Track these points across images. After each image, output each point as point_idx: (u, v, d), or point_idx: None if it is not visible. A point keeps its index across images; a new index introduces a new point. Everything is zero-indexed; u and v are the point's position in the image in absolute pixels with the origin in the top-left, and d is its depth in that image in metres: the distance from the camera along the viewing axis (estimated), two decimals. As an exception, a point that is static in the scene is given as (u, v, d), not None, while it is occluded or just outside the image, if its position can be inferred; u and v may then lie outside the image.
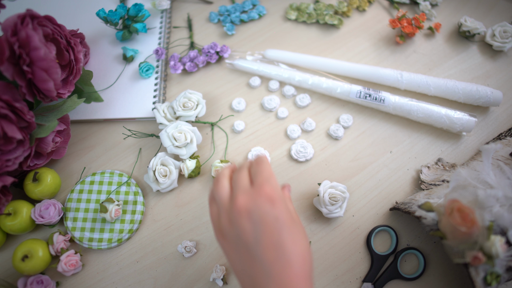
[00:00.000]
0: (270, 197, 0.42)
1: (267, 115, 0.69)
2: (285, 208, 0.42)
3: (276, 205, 0.41)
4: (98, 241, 0.59)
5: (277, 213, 0.41)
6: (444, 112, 0.65)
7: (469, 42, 0.76)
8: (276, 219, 0.41)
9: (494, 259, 0.50)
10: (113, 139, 0.67)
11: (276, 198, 0.42)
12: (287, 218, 0.42)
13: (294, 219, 0.43)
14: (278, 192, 0.43)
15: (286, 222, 0.41)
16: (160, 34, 0.75)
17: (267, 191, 0.42)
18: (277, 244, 0.40)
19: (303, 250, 0.41)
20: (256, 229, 0.41)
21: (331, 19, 0.76)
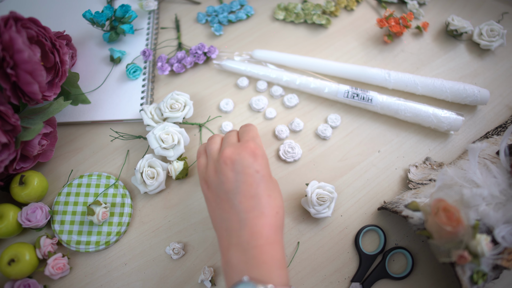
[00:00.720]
0: (253, 152, 0.47)
1: (255, 115, 0.69)
2: (265, 165, 0.47)
3: (258, 160, 0.47)
4: (85, 244, 0.59)
5: (258, 167, 0.46)
6: (432, 111, 0.65)
7: (456, 41, 0.76)
8: (256, 172, 0.46)
9: (480, 257, 0.50)
10: (100, 141, 0.67)
11: (259, 154, 0.47)
12: (266, 173, 0.47)
13: (271, 176, 0.48)
14: (261, 149, 0.48)
15: (265, 176, 0.46)
16: (147, 35, 0.75)
17: (251, 146, 0.47)
18: (254, 194, 0.45)
19: (276, 204, 0.46)
20: (238, 178, 0.45)
21: (319, 19, 0.76)
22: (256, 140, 0.50)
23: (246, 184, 0.45)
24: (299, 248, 0.59)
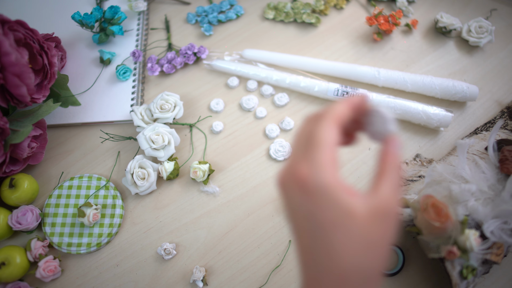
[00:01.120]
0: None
1: (245, 115, 0.69)
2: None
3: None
4: (77, 246, 0.59)
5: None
6: (421, 108, 0.65)
7: (445, 38, 0.76)
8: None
9: (468, 253, 0.51)
10: (91, 143, 0.67)
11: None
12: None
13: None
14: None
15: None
16: (137, 36, 0.75)
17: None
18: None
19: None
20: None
21: (308, 18, 0.76)
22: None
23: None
24: (291, 246, 0.59)
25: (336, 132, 0.32)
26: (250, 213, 0.61)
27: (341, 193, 0.30)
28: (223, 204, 0.62)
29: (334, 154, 0.31)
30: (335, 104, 0.34)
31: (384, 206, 0.30)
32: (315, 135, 0.32)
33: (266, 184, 0.63)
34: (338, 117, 0.33)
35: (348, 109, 0.34)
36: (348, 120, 0.34)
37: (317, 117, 0.34)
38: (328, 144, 0.31)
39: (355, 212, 0.30)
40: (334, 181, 0.30)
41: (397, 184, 0.32)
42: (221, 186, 0.63)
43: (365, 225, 0.30)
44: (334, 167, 0.31)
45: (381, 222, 0.30)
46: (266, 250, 0.59)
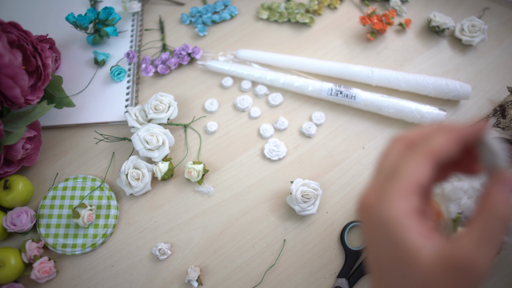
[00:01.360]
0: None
1: (240, 115, 0.69)
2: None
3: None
4: (72, 247, 0.59)
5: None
6: (415, 106, 0.66)
7: (439, 37, 0.76)
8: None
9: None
10: (86, 144, 0.67)
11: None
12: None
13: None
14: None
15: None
16: (131, 37, 0.75)
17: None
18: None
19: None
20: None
21: (302, 18, 0.76)
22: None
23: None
24: (285, 245, 0.59)
25: (429, 169, 0.28)
26: (244, 213, 0.62)
27: (406, 232, 0.26)
28: (218, 204, 0.62)
29: (415, 191, 0.27)
30: (437, 135, 0.28)
31: (462, 257, 0.25)
32: (400, 167, 0.28)
33: (261, 184, 0.64)
34: (437, 153, 0.28)
35: (453, 144, 0.28)
36: (450, 157, 0.28)
37: (411, 145, 0.29)
38: (411, 180, 0.27)
39: (419, 256, 0.26)
40: (400, 217, 0.27)
41: (490, 235, 0.25)
42: (215, 186, 0.64)
43: (429, 274, 0.26)
44: (408, 204, 0.27)
45: (451, 275, 0.25)
46: (260, 250, 0.59)
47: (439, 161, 0.28)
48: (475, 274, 0.25)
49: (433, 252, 0.26)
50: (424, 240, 0.26)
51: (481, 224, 0.26)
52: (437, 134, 0.28)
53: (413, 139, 0.30)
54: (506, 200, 0.26)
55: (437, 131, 0.29)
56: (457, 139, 0.28)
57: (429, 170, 0.27)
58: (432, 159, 0.28)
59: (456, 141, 0.28)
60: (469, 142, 0.28)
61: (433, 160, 0.28)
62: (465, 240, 0.26)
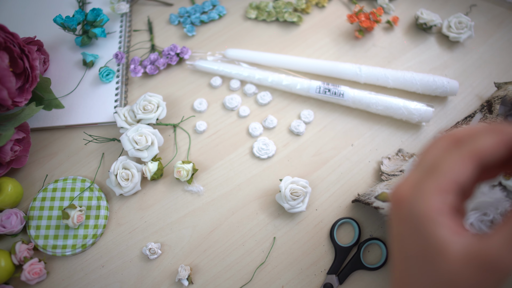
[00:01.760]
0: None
1: (229, 114, 0.69)
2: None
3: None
4: (62, 248, 0.59)
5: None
6: (402, 103, 0.66)
7: (426, 34, 0.77)
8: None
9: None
10: (75, 145, 0.67)
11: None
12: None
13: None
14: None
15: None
16: (120, 38, 0.75)
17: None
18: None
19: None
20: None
21: (290, 17, 0.77)
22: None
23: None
24: (275, 243, 0.60)
25: (471, 169, 0.27)
26: (234, 211, 0.62)
27: (437, 226, 0.27)
28: (208, 203, 0.63)
29: (452, 189, 0.27)
30: (486, 135, 0.28)
31: (490, 255, 0.25)
32: (441, 163, 0.28)
33: (250, 182, 0.64)
34: (482, 153, 0.27)
35: (501, 146, 0.27)
36: (496, 159, 0.27)
37: (456, 142, 0.29)
38: (450, 178, 0.27)
39: (448, 250, 0.26)
40: (433, 212, 0.27)
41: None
42: (205, 185, 0.64)
43: (455, 269, 0.26)
44: (443, 201, 0.27)
45: (478, 271, 0.25)
46: (250, 248, 0.60)
47: (483, 162, 0.27)
48: (501, 272, 0.25)
49: (462, 248, 0.26)
50: (454, 236, 0.26)
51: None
52: (486, 135, 0.28)
53: (459, 137, 0.29)
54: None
55: (486, 132, 0.28)
56: (506, 142, 0.27)
57: (470, 170, 0.27)
58: (476, 160, 0.27)
59: (504, 143, 0.27)
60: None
61: (477, 161, 0.27)
62: (494, 238, 0.26)
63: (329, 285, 0.57)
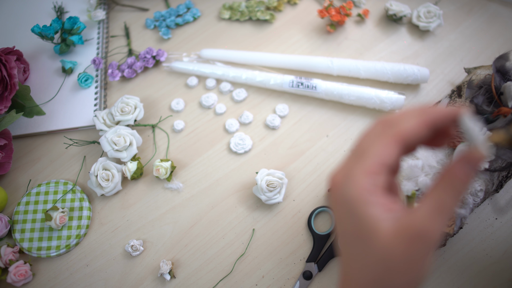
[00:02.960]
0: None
1: (205, 112, 0.71)
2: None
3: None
4: (46, 249, 0.60)
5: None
6: (374, 93, 0.68)
7: (397, 25, 0.79)
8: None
9: (418, 225, 0.53)
10: (57, 150, 0.69)
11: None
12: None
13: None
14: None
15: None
16: (98, 45, 0.77)
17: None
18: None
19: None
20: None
21: (263, 15, 0.78)
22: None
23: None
24: (254, 234, 0.61)
25: (395, 151, 0.29)
26: (213, 206, 0.63)
27: (367, 206, 0.28)
28: (188, 199, 0.64)
29: (380, 171, 0.29)
30: (407, 118, 0.30)
31: (418, 226, 0.27)
32: (368, 148, 0.30)
33: (228, 177, 0.65)
34: (404, 134, 0.29)
35: (422, 127, 0.29)
36: (419, 137, 0.29)
37: (384, 127, 0.30)
38: (377, 161, 0.29)
39: (379, 228, 0.28)
40: (363, 194, 0.28)
41: (444, 207, 0.28)
42: (184, 182, 0.65)
43: (388, 246, 0.27)
44: (372, 182, 0.29)
45: (407, 244, 0.27)
46: (230, 240, 0.61)
47: (407, 142, 0.29)
48: (428, 241, 0.27)
49: (392, 224, 0.28)
50: (384, 213, 0.28)
51: (437, 196, 0.28)
52: (410, 117, 0.30)
53: (388, 121, 0.31)
54: (465, 176, 0.28)
55: (411, 114, 0.30)
56: (426, 122, 0.29)
57: (395, 151, 0.29)
58: (399, 141, 0.29)
59: (425, 124, 0.29)
60: (439, 125, 0.30)
61: (401, 142, 0.29)
62: (420, 210, 0.28)
63: (308, 272, 0.58)
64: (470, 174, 0.28)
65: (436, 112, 0.30)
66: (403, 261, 0.27)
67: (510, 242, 0.60)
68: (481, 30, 0.77)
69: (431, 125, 0.29)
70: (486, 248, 0.60)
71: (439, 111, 0.30)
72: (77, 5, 0.80)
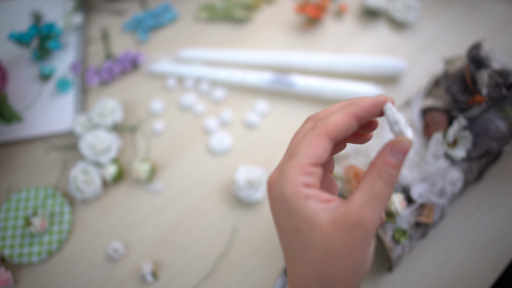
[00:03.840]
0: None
1: (185, 113, 0.71)
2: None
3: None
4: (28, 255, 0.60)
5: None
6: (351, 86, 0.68)
7: (375, 18, 0.79)
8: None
9: (395, 216, 0.53)
10: (37, 156, 0.69)
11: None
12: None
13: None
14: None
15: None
16: (76, 49, 0.77)
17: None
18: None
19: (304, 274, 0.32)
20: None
21: (240, 14, 0.79)
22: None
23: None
24: (236, 233, 0.61)
25: (324, 146, 0.30)
26: (194, 206, 0.64)
27: (304, 201, 0.29)
28: (168, 199, 0.64)
29: (311, 167, 0.30)
30: (334, 111, 0.31)
31: (352, 216, 0.28)
32: (298, 145, 0.31)
33: (209, 177, 0.65)
34: (329, 129, 0.30)
35: (347, 120, 0.30)
36: (345, 130, 0.31)
37: (313, 122, 0.32)
38: (305, 157, 0.30)
39: (318, 223, 0.29)
40: (297, 190, 0.29)
41: (377, 194, 0.29)
42: (165, 183, 0.65)
43: (327, 236, 0.29)
44: (305, 179, 0.30)
45: (345, 233, 0.28)
46: (212, 239, 0.61)
47: (334, 136, 0.30)
48: (362, 229, 0.28)
49: (330, 215, 0.29)
50: (321, 205, 0.29)
51: (368, 184, 0.29)
52: (337, 111, 0.31)
53: (316, 118, 0.32)
54: (392, 163, 0.29)
55: (338, 108, 0.31)
56: (352, 114, 0.30)
57: (323, 146, 0.30)
58: (326, 136, 0.30)
59: (351, 115, 0.30)
60: (366, 116, 0.31)
61: (328, 137, 0.30)
62: (354, 200, 0.29)
63: (290, 268, 0.58)
64: (397, 160, 0.29)
65: (361, 103, 0.31)
66: (343, 250, 0.29)
67: (492, 230, 0.61)
68: (459, 22, 0.77)
69: (358, 116, 0.31)
70: (469, 237, 0.60)
71: (364, 101, 0.31)
72: (54, 11, 0.80)
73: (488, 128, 0.58)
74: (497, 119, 0.59)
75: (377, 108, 0.31)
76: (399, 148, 0.29)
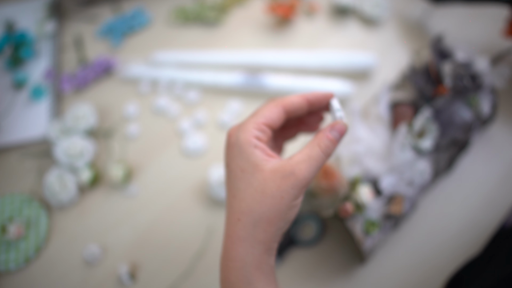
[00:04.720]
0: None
1: (158, 116, 0.72)
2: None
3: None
4: (5, 263, 0.60)
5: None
6: (321, 83, 0.69)
7: (345, 16, 0.80)
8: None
9: (363, 208, 0.54)
10: (12, 164, 0.69)
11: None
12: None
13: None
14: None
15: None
16: (49, 57, 0.77)
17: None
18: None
19: (239, 209, 0.39)
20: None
21: (213, 17, 0.79)
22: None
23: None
24: (212, 232, 0.62)
25: (278, 112, 0.40)
26: (170, 207, 0.64)
27: (254, 149, 0.38)
28: (144, 202, 0.65)
29: (265, 124, 0.39)
30: (291, 95, 0.42)
31: (288, 167, 0.36)
32: (259, 110, 0.40)
33: (184, 178, 0.66)
34: (285, 102, 0.41)
35: (299, 99, 0.41)
36: (297, 107, 0.41)
37: (274, 99, 0.42)
38: (262, 117, 0.39)
39: (260, 167, 0.37)
40: (250, 139, 0.38)
41: (311, 157, 0.37)
42: (141, 186, 0.66)
43: (265, 179, 0.36)
44: (257, 132, 0.38)
45: (280, 179, 0.36)
46: (188, 239, 0.62)
47: (287, 108, 0.41)
48: (296, 180, 0.36)
49: (271, 165, 0.37)
50: (266, 156, 0.38)
51: (308, 150, 0.38)
52: (292, 95, 0.42)
53: (278, 98, 0.42)
54: (330, 137, 0.38)
55: (294, 94, 0.42)
56: (304, 97, 0.41)
57: (277, 112, 0.40)
58: (281, 106, 0.40)
59: (303, 98, 0.41)
60: (315, 101, 0.42)
61: (282, 106, 0.40)
62: (294, 157, 0.37)
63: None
64: (333, 136, 0.38)
65: (313, 93, 0.42)
66: (275, 192, 0.36)
67: (464, 219, 0.62)
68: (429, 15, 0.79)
69: (309, 100, 0.41)
70: (441, 226, 0.61)
71: (316, 92, 0.42)
72: (26, 19, 0.80)
73: (453, 118, 0.60)
74: (462, 109, 0.61)
75: (325, 98, 0.42)
76: (337, 128, 0.39)
